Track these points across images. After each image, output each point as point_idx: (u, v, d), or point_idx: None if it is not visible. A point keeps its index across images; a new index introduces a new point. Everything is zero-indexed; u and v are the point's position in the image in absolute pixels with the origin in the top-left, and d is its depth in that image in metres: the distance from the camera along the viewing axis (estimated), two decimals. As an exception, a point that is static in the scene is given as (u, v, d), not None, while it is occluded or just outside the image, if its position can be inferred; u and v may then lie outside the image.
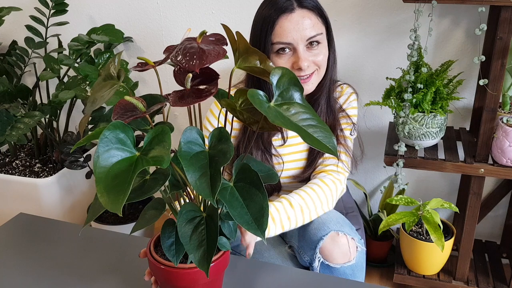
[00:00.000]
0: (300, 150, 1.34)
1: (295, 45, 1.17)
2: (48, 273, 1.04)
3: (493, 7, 1.47)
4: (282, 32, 1.15)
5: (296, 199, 1.18)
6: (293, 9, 1.15)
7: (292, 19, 1.15)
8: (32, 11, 1.93)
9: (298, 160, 1.34)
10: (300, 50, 1.17)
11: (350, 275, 1.19)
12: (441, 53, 1.66)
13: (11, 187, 1.91)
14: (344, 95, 1.35)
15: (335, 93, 1.34)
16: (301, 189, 1.22)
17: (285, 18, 1.15)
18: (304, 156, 1.34)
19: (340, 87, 1.36)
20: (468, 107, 1.69)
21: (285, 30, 1.15)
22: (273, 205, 1.15)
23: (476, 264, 1.72)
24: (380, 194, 1.95)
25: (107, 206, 0.60)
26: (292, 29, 1.15)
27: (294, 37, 1.15)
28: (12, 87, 1.87)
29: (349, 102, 1.35)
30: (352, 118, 1.35)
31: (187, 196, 0.82)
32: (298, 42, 1.16)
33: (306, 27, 1.16)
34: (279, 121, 0.66)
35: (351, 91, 1.36)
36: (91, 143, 1.95)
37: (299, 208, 1.17)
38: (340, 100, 1.35)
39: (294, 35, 1.15)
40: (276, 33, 1.16)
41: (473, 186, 1.50)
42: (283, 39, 1.16)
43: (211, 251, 0.72)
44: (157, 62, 0.74)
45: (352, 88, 1.37)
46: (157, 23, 1.92)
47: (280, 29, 1.16)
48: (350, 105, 1.35)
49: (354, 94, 1.36)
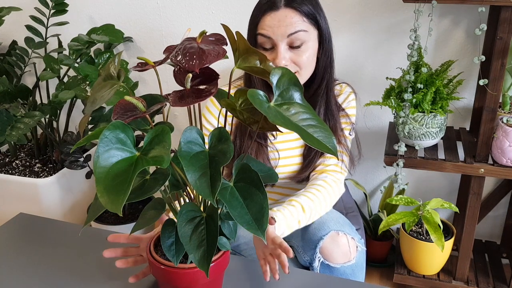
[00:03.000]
0: (296, 146, 1.34)
1: (275, 40, 1.18)
2: (48, 273, 1.04)
3: (493, 7, 1.47)
4: (265, 26, 1.19)
5: (307, 203, 1.18)
6: (279, 7, 1.18)
7: (275, 16, 1.18)
8: (32, 11, 1.93)
9: (295, 156, 1.34)
10: (280, 47, 1.18)
11: (350, 275, 1.19)
12: (441, 53, 1.66)
13: (11, 187, 1.91)
14: (343, 94, 1.35)
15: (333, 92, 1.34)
16: (307, 190, 1.22)
17: (269, 15, 1.18)
18: (299, 152, 1.34)
19: (339, 85, 1.36)
20: (468, 107, 1.69)
21: (267, 24, 1.18)
22: (287, 209, 1.14)
23: (476, 264, 1.72)
24: (380, 194, 1.95)
25: (107, 206, 0.60)
26: (273, 25, 1.17)
27: (274, 31, 1.17)
28: (12, 87, 1.87)
29: (348, 102, 1.35)
30: (351, 118, 1.35)
31: (187, 196, 0.82)
32: (278, 38, 1.18)
33: (287, 24, 1.17)
34: (279, 121, 0.66)
35: (350, 91, 1.36)
36: (91, 143, 1.95)
37: (309, 211, 1.18)
38: (339, 99, 1.34)
39: (276, 30, 1.17)
40: (259, 26, 1.20)
41: (473, 186, 1.50)
42: (263, 32, 1.19)
43: (211, 251, 0.72)
44: (157, 62, 0.74)
45: (351, 87, 1.37)
46: (157, 23, 1.92)
47: (263, 23, 1.19)
48: (349, 105, 1.35)
49: (353, 93, 1.36)
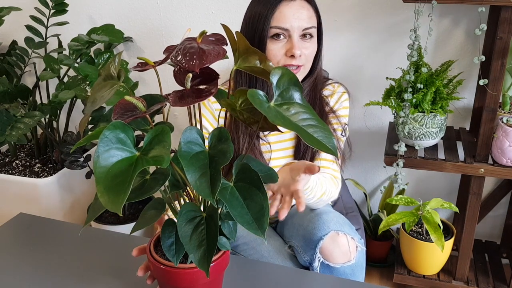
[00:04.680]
0: (287, 138, 1.33)
1: (291, 32, 1.18)
2: (48, 273, 1.04)
3: (493, 7, 1.47)
4: (282, 17, 1.17)
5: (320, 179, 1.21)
6: None
7: (293, 6, 1.17)
8: (32, 11, 1.93)
9: (287, 149, 1.33)
10: (294, 38, 1.18)
11: (350, 275, 1.19)
12: (441, 53, 1.66)
13: (11, 187, 1.91)
14: (336, 94, 1.34)
15: (326, 91, 1.33)
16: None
17: (286, 4, 1.18)
18: (292, 144, 1.34)
19: (332, 85, 1.35)
20: (468, 107, 1.69)
21: (285, 15, 1.17)
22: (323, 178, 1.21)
23: (476, 264, 1.72)
24: (380, 194, 1.95)
25: (107, 206, 0.60)
26: (291, 16, 1.17)
27: (292, 24, 1.17)
28: (12, 87, 1.87)
29: (340, 102, 1.34)
30: (344, 118, 1.34)
31: (187, 196, 0.82)
32: (294, 30, 1.18)
33: (304, 17, 1.18)
34: (279, 121, 0.66)
35: (342, 91, 1.35)
36: (91, 143, 1.95)
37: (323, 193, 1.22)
38: (332, 100, 1.33)
39: (293, 22, 1.17)
40: (275, 17, 1.18)
41: (473, 186, 1.50)
42: (281, 24, 1.17)
43: (211, 251, 0.72)
44: (157, 62, 0.74)
45: (344, 87, 1.36)
46: (157, 23, 1.92)
47: (280, 14, 1.17)
48: (342, 105, 1.34)
49: (345, 93, 1.35)
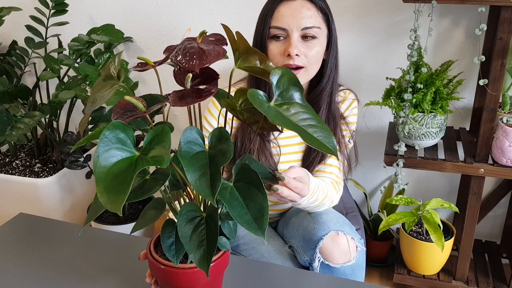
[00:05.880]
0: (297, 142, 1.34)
1: (289, 31, 1.18)
2: (48, 273, 1.04)
3: (493, 7, 1.47)
4: (280, 17, 1.18)
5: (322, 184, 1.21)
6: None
7: (292, 5, 1.18)
8: (32, 11, 1.93)
9: (296, 153, 1.34)
10: (293, 37, 1.18)
11: (350, 275, 1.19)
12: (441, 53, 1.66)
13: (11, 187, 1.91)
14: (347, 100, 1.35)
15: (337, 98, 1.33)
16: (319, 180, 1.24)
17: (285, 4, 1.18)
18: (301, 148, 1.34)
19: (343, 92, 1.36)
20: (468, 107, 1.69)
21: (282, 15, 1.18)
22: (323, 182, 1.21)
23: (476, 264, 1.72)
24: (380, 194, 1.95)
25: (107, 206, 0.60)
26: (289, 15, 1.17)
27: (289, 23, 1.17)
28: (12, 87, 1.87)
29: (351, 109, 1.35)
30: (353, 125, 1.35)
31: (187, 196, 0.83)
32: (292, 29, 1.18)
33: (303, 16, 1.18)
34: (279, 121, 0.66)
35: (353, 98, 1.36)
36: (91, 143, 1.95)
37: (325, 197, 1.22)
38: (343, 106, 1.35)
39: (290, 21, 1.17)
40: (274, 17, 1.19)
41: (473, 186, 1.50)
42: (279, 24, 1.18)
43: (211, 251, 0.72)
44: (157, 62, 0.74)
45: (354, 94, 1.37)
46: (157, 23, 1.92)
47: (278, 13, 1.18)
48: (352, 112, 1.35)
49: (356, 101, 1.36)
